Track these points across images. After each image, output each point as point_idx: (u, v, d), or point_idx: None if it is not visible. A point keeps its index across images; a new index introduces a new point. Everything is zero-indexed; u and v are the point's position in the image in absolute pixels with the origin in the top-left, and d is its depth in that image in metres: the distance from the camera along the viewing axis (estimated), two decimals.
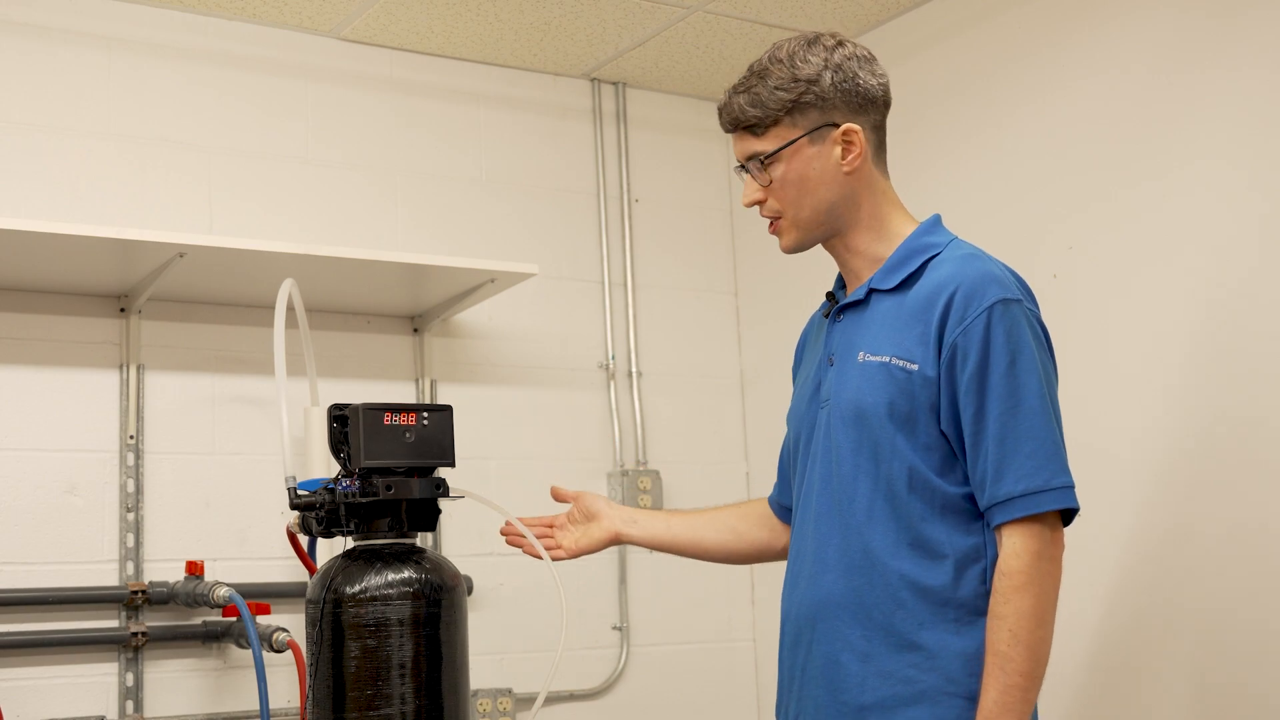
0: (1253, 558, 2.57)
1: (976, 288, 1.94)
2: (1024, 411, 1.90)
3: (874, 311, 2.04)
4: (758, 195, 2.09)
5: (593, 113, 3.76)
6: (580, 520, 2.35)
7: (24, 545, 2.91)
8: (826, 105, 2.03)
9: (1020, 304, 1.95)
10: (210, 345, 3.16)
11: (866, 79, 2.05)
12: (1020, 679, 1.86)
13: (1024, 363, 1.91)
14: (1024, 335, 1.93)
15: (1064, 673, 2.82)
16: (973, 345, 1.92)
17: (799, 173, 2.04)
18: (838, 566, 2.00)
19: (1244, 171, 2.65)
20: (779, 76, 2.03)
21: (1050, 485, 1.89)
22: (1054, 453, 1.91)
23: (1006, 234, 3.04)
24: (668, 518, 2.38)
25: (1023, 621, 1.86)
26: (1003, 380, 1.91)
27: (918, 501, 1.95)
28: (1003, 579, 1.89)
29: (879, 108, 2.08)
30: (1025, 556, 1.88)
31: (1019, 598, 1.87)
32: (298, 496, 2.30)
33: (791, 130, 2.03)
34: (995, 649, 1.87)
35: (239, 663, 3.04)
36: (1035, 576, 1.87)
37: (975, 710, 1.89)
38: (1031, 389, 1.91)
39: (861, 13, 3.41)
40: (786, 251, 2.13)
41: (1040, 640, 1.87)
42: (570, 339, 3.63)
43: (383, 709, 2.11)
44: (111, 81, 3.15)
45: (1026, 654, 1.86)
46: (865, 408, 1.99)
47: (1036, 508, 1.88)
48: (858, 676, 1.96)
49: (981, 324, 1.92)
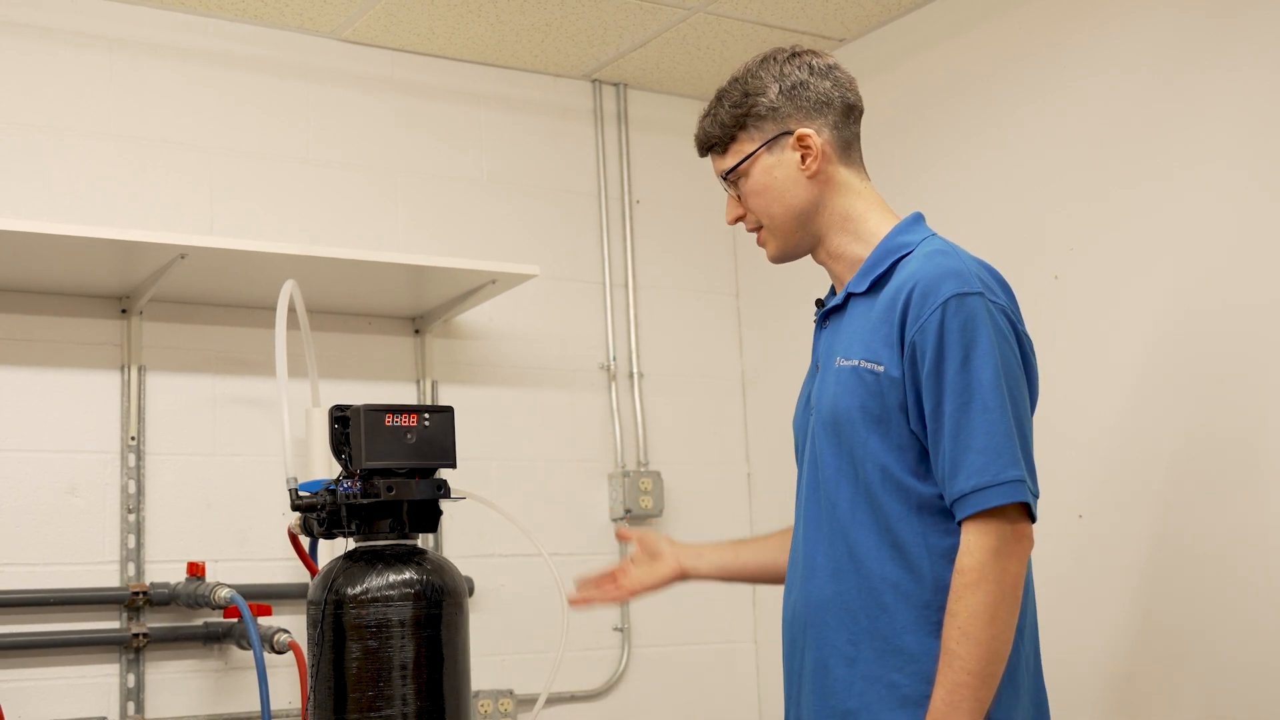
0: (1253, 558, 2.57)
1: (932, 284, 1.94)
2: (975, 407, 1.89)
3: (850, 315, 2.06)
4: (737, 211, 2.17)
5: (594, 114, 3.76)
6: (644, 560, 2.36)
7: (25, 546, 2.91)
8: (778, 114, 2.09)
9: (980, 297, 1.93)
10: (211, 346, 3.16)
11: (818, 84, 2.10)
12: (968, 677, 1.84)
13: (978, 357, 1.90)
14: (980, 329, 1.91)
15: (1064, 673, 2.82)
16: (929, 342, 1.92)
17: (762, 182, 2.10)
18: (825, 571, 2.00)
19: (1245, 172, 2.65)
20: (732, 95, 2.13)
21: (998, 480, 1.87)
22: (1004, 446, 1.88)
23: (1007, 235, 3.05)
24: (735, 547, 2.39)
25: (973, 619, 1.84)
26: (956, 375, 1.90)
27: (894, 502, 1.95)
28: (956, 576, 1.88)
29: (836, 109, 2.10)
30: (978, 553, 1.86)
31: (970, 595, 1.85)
32: (299, 498, 2.30)
33: (748, 143, 2.11)
34: (946, 646, 1.86)
35: (240, 664, 3.04)
36: (988, 574, 1.85)
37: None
38: (984, 383, 1.89)
39: (862, 14, 3.41)
40: (773, 261, 2.17)
41: (992, 638, 1.85)
42: (571, 340, 3.63)
43: (384, 710, 2.11)
44: (112, 82, 3.15)
45: (976, 652, 1.84)
46: (840, 412, 2.00)
47: (985, 503, 1.87)
48: (844, 681, 1.96)
49: (936, 319, 1.92)
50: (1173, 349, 2.73)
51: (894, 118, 3.35)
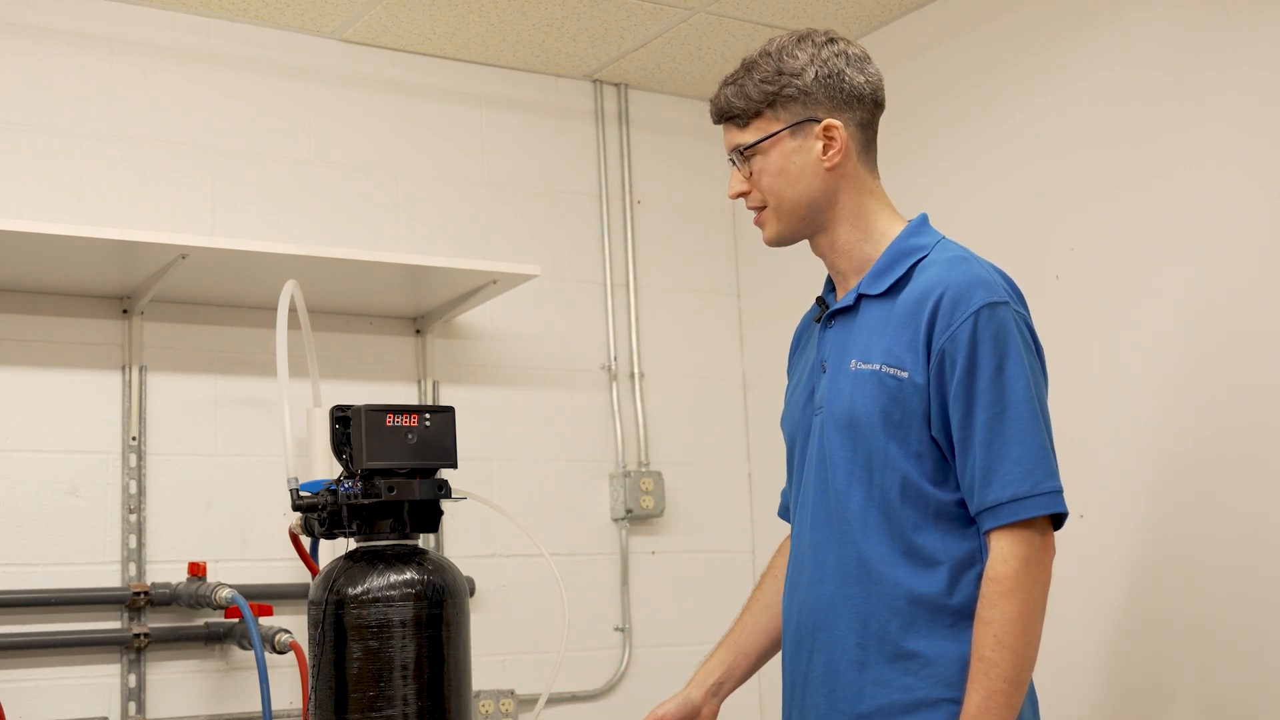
0: (1256, 559, 2.57)
1: (963, 292, 1.93)
2: (1011, 417, 1.89)
3: (864, 317, 2.04)
4: (741, 187, 2.11)
5: (595, 114, 3.76)
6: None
7: (26, 546, 2.91)
8: (809, 100, 2.04)
9: (1008, 306, 1.94)
10: (212, 346, 3.16)
11: (853, 76, 2.06)
12: (1004, 685, 1.85)
13: (1011, 367, 1.91)
14: (1011, 339, 1.92)
15: (1064, 673, 2.82)
16: (960, 350, 1.91)
17: (779, 165, 2.06)
18: (835, 575, 2.00)
19: (1248, 172, 2.65)
20: (764, 70, 2.06)
21: (1037, 490, 1.89)
22: (1042, 458, 1.90)
23: (1009, 235, 3.04)
24: (737, 646, 2.25)
25: (1009, 627, 1.85)
26: (990, 385, 1.90)
27: (911, 510, 1.95)
28: (990, 584, 1.88)
29: (866, 106, 2.08)
30: (1013, 562, 1.87)
31: (1005, 603, 1.86)
32: (300, 498, 2.30)
33: (773, 123, 2.06)
34: (980, 654, 1.86)
35: (241, 664, 3.04)
36: (1023, 582, 1.87)
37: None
38: (1018, 393, 1.90)
39: (863, 14, 3.41)
40: (769, 244, 2.14)
41: (1026, 645, 1.86)
42: (572, 340, 3.63)
43: (385, 710, 2.11)
44: (114, 83, 3.16)
45: (1011, 659, 1.85)
46: (859, 416, 1.98)
47: (1023, 513, 1.88)
48: (855, 685, 1.96)
49: (968, 329, 1.91)
50: (1174, 349, 2.73)
51: (894, 117, 3.32)
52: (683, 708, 2.20)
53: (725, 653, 2.26)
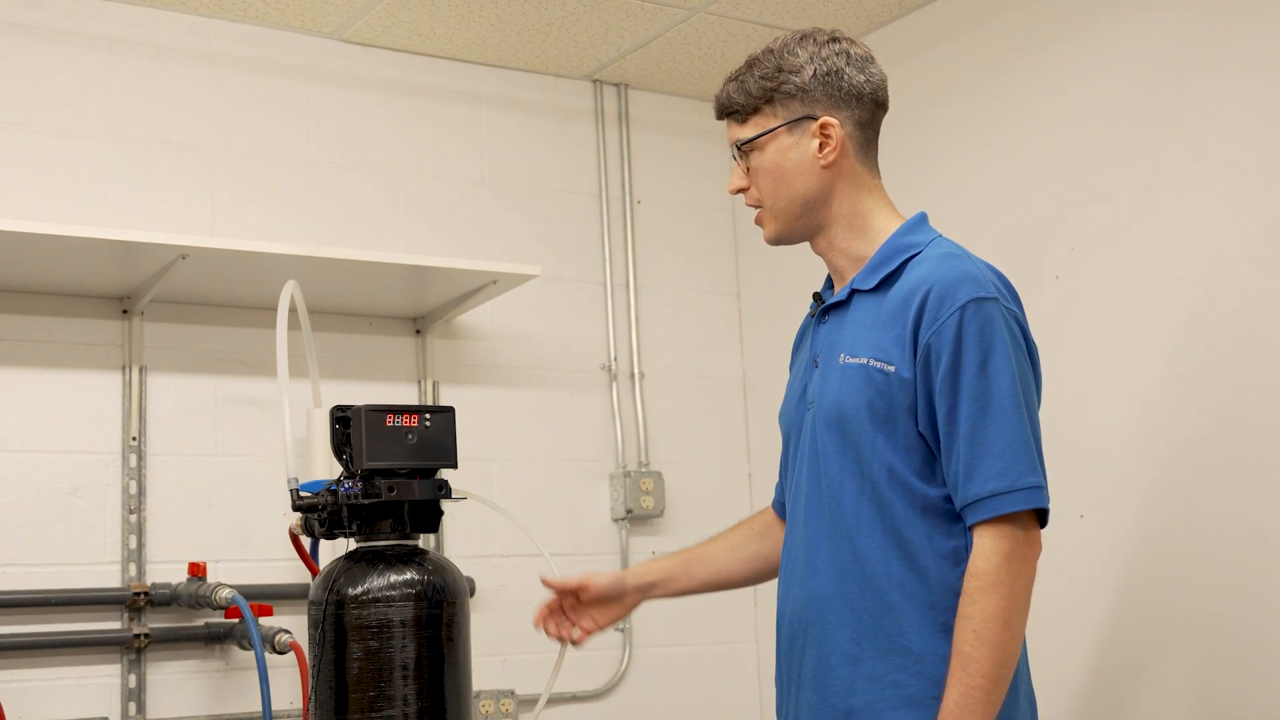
0: (1254, 559, 2.57)
1: (950, 287, 1.93)
2: (994, 411, 1.89)
3: (855, 312, 2.04)
4: (740, 182, 2.13)
5: (595, 114, 3.76)
6: (597, 603, 2.26)
7: (26, 547, 2.91)
8: (807, 97, 2.06)
9: (996, 302, 1.94)
10: (213, 347, 3.16)
11: (853, 75, 2.07)
12: (982, 680, 1.84)
13: (996, 362, 1.90)
14: (997, 334, 1.92)
15: (1064, 674, 2.82)
16: (945, 345, 1.91)
17: (775, 162, 2.07)
18: (828, 569, 2.00)
19: (1247, 173, 2.65)
20: (765, 66, 2.08)
21: (1017, 485, 1.88)
22: (1024, 452, 1.89)
23: (1009, 235, 3.05)
24: (686, 565, 2.30)
25: (988, 623, 1.85)
26: (974, 380, 1.90)
27: (899, 503, 1.95)
28: (971, 579, 1.88)
29: (865, 105, 2.08)
30: (994, 557, 1.87)
31: (985, 598, 1.86)
32: (300, 498, 2.30)
33: (770, 119, 2.07)
34: (959, 649, 1.86)
35: (241, 664, 3.04)
36: (1004, 577, 1.86)
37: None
38: (1002, 388, 1.90)
39: (863, 14, 3.41)
40: (769, 242, 2.15)
41: (1006, 641, 1.85)
42: (572, 340, 3.63)
43: (385, 710, 2.11)
44: (114, 83, 3.15)
45: (990, 655, 1.84)
46: (846, 410, 1.99)
47: (1004, 508, 1.87)
48: (847, 680, 1.96)
49: (954, 323, 1.91)
50: (1174, 349, 2.73)
51: (894, 118, 3.32)
52: (613, 586, 2.24)
53: (673, 563, 2.30)
